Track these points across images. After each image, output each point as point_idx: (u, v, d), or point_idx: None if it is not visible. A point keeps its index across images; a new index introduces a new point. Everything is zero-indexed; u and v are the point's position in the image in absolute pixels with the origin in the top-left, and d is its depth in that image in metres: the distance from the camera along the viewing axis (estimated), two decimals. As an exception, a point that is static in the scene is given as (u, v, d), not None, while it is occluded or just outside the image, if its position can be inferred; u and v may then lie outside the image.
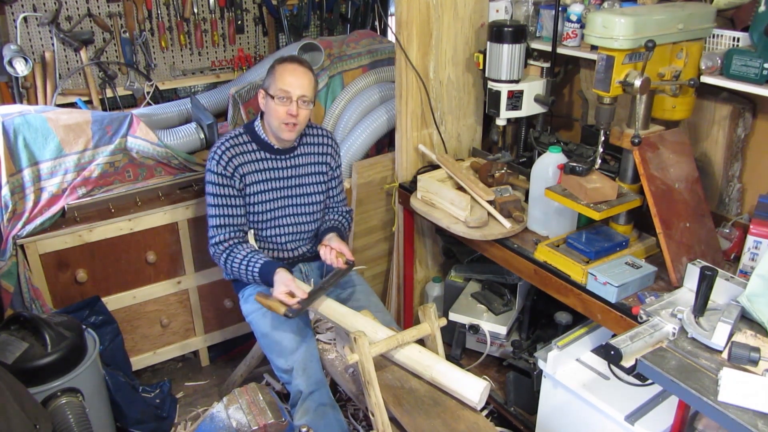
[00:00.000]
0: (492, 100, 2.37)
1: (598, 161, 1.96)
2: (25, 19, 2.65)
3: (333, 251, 2.08)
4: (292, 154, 2.17)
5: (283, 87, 2.01)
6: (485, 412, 2.48)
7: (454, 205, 2.21)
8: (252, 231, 2.19)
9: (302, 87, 2.03)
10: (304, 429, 1.69)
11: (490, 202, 2.19)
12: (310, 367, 1.99)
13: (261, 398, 1.85)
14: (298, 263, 2.28)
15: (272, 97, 2.03)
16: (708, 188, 2.06)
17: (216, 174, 2.06)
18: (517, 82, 2.32)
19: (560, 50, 2.29)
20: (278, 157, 2.15)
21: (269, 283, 1.99)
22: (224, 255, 2.07)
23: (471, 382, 1.75)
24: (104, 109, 2.86)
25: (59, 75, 2.76)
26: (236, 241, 2.10)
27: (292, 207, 2.20)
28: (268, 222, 2.17)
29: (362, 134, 2.73)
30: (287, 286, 1.93)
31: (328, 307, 2.00)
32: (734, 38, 1.81)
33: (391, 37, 3.34)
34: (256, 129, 2.14)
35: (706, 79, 1.83)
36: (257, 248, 2.17)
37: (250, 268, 2.02)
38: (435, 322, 1.89)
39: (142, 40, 2.92)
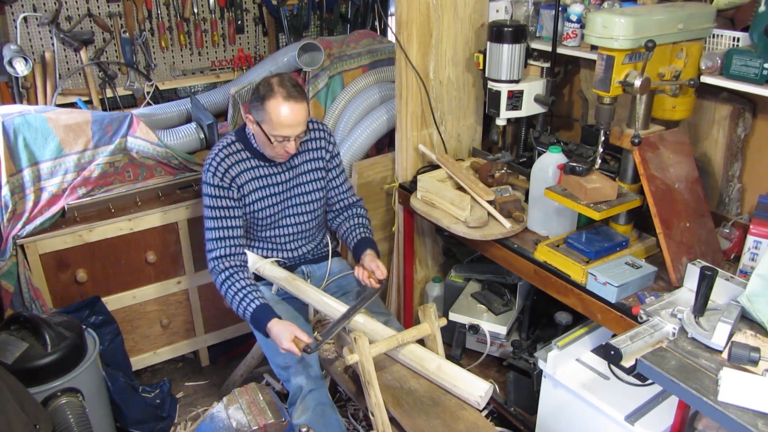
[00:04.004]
0: (492, 100, 2.37)
1: (598, 161, 1.96)
2: (25, 19, 2.65)
3: (365, 272, 2.05)
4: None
5: (282, 133, 1.93)
6: (485, 412, 2.48)
7: (454, 205, 2.21)
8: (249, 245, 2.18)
9: (301, 124, 1.95)
10: (304, 429, 1.69)
11: (490, 202, 2.19)
12: (310, 364, 1.99)
13: (261, 398, 1.85)
14: (300, 265, 2.27)
15: (265, 133, 1.95)
16: (708, 188, 2.06)
17: (212, 186, 2.00)
18: (517, 82, 2.32)
19: (560, 50, 2.28)
20: (273, 163, 2.11)
21: (260, 329, 1.93)
22: (223, 275, 2.00)
23: (475, 382, 1.76)
24: (104, 109, 2.86)
25: (59, 75, 2.76)
26: (238, 264, 2.02)
27: (292, 207, 2.17)
28: (269, 225, 2.15)
29: (362, 134, 2.73)
30: (291, 332, 1.84)
31: (330, 306, 1.99)
32: (734, 38, 1.81)
33: (391, 37, 3.34)
34: (248, 137, 2.09)
35: (706, 79, 1.83)
36: (257, 255, 2.16)
37: (244, 304, 1.95)
38: (435, 322, 1.89)
39: (142, 40, 2.92)
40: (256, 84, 1.99)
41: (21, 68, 2.48)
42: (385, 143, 2.93)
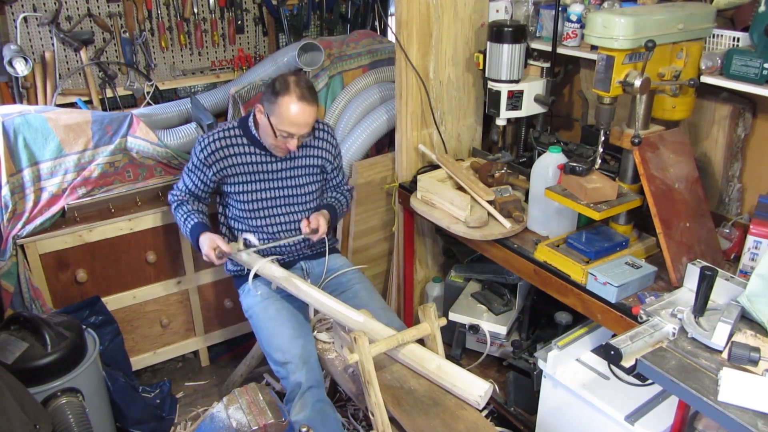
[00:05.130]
0: (492, 100, 2.37)
1: (598, 161, 1.96)
2: (25, 19, 2.65)
3: (307, 222, 2.18)
4: None
5: (287, 129, 2.01)
6: (485, 412, 2.48)
7: (454, 205, 2.21)
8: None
9: (307, 126, 2.04)
10: (304, 429, 1.69)
11: (490, 202, 2.19)
12: (309, 362, 1.99)
13: (261, 398, 1.85)
14: (298, 261, 2.28)
15: (272, 126, 2.03)
16: (708, 188, 2.06)
17: (197, 158, 2.15)
18: (517, 82, 2.32)
19: (560, 50, 2.28)
20: (268, 153, 2.17)
21: (194, 240, 2.15)
22: (177, 203, 2.23)
23: (475, 382, 1.76)
24: (104, 109, 2.86)
25: (59, 75, 2.76)
26: (190, 200, 2.24)
27: (283, 198, 2.22)
28: (257, 212, 2.19)
29: (362, 134, 2.73)
30: (213, 240, 2.08)
31: (328, 306, 1.99)
32: (734, 38, 1.81)
33: (391, 37, 3.34)
34: (250, 126, 2.15)
35: (706, 79, 1.83)
36: (257, 255, 2.19)
37: (188, 223, 2.17)
38: (435, 322, 1.89)
39: (142, 40, 2.92)
40: (273, 79, 2.06)
41: (21, 68, 2.48)
42: (385, 143, 2.93)
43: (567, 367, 1.98)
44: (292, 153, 2.18)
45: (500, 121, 2.43)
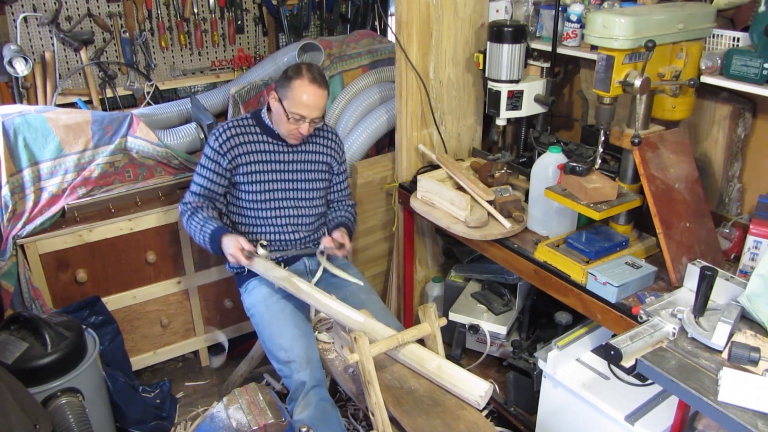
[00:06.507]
0: (492, 100, 2.37)
1: (598, 161, 1.96)
2: (25, 19, 2.65)
3: (332, 240, 2.18)
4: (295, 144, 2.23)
5: (299, 111, 2.06)
6: (485, 412, 2.48)
7: (454, 205, 2.21)
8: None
9: (318, 109, 2.09)
10: (304, 429, 1.69)
11: (490, 202, 2.19)
12: (313, 361, 1.99)
13: (261, 398, 1.86)
14: (302, 258, 2.29)
15: (284, 109, 2.07)
16: (708, 188, 2.06)
17: (211, 149, 2.15)
18: (517, 82, 2.32)
19: (560, 50, 2.29)
20: (281, 142, 2.21)
21: (217, 247, 2.08)
22: (189, 212, 2.16)
23: (476, 382, 1.76)
24: (104, 109, 2.86)
25: (59, 75, 2.76)
26: (205, 205, 2.19)
27: (292, 191, 2.24)
28: (267, 202, 2.21)
29: (362, 134, 2.74)
30: (237, 240, 2.04)
31: (329, 306, 1.99)
32: (734, 38, 1.81)
33: (391, 37, 3.34)
34: (263, 117, 2.20)
35: (706, 79, 1.83)
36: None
37: (205, 229, 2.10)
38: (435, 322, 1.89)
39: (142, 40, 2.92)
40: (287, 67, 2.13)
41: (21, 68, 2.48)
42: (385, 143, 2.93)
43: (567, 367, 1.99)
44: (304, 147, 2.23)
45: (500, 121, 2.43)
